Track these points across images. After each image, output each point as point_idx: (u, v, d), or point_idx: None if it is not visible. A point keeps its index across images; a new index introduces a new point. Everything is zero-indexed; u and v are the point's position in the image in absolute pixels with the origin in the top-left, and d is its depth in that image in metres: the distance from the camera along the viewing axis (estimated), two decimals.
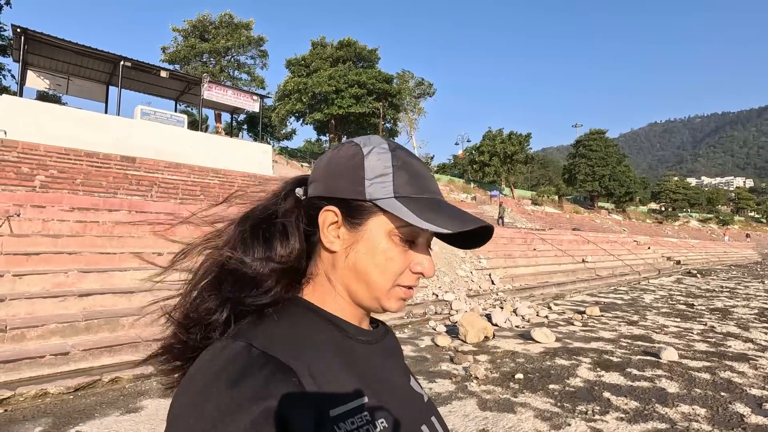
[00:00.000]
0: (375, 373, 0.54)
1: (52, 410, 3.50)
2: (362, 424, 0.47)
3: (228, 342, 0.47)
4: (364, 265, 0.52)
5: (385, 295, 0.54)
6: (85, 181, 11.21)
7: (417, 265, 0.54)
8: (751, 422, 3.60)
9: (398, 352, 0.65)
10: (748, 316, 8.84)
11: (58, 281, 5.14)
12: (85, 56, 16.44)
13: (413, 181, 0.53)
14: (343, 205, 0.53)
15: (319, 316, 0.53)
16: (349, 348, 0.53)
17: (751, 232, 63.58)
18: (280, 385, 0.43)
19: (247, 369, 0.43)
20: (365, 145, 0.54)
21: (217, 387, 0.42)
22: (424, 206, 0.51)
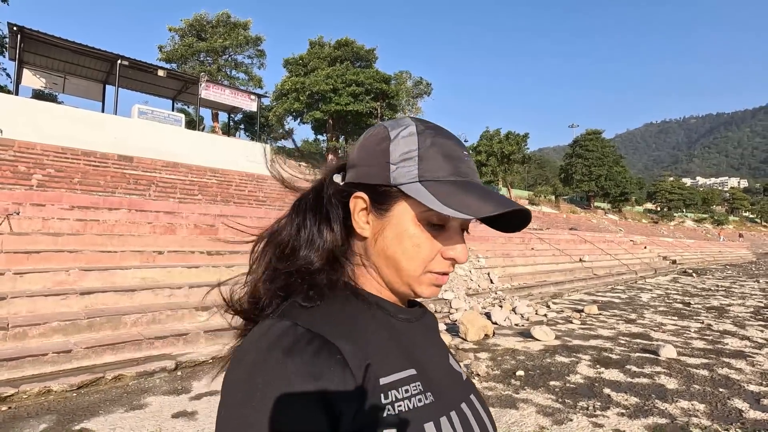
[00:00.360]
0: (417, 350, 0.55)
1: (56, 408, 3.50)
2: (416, 392, 0.49)
3: (275, 321, 0.49)
4: (392, 252, 0.53)
5: (416, 281, 0.54)
6: (83, 180, 11.17)
7: (449, 251, 0.53)
8: (749, 417, 3.65)
9: (437, 331, 0.66)
10: (744, 314, 8.93)
11: (59, 279, 5.13)
12: (82, 55, 16.37)
13: (441, 163, 0.51)
14: (370, 191, 0.53)
15: (359, 297, 0.54)
16: (391, 326, 0.54)
17: (745, 231, 64.05)
18: (325, 361, 0.45)
19: (294, 346, 0.45)
20: (393, 128, 0.54)
21: (267, 363, 0.44)
22: (451, 190, 0.50)
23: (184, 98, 22.10)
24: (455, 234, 0.54)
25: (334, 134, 33.50)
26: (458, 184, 0.51)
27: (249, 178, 16.69)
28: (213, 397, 3.81)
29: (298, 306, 0.51)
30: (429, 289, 0.55)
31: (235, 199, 14.04)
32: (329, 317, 0.50)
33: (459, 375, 0.61)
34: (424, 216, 0.52)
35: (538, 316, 8.03)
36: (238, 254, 7.19)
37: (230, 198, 13.99)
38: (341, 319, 0.50)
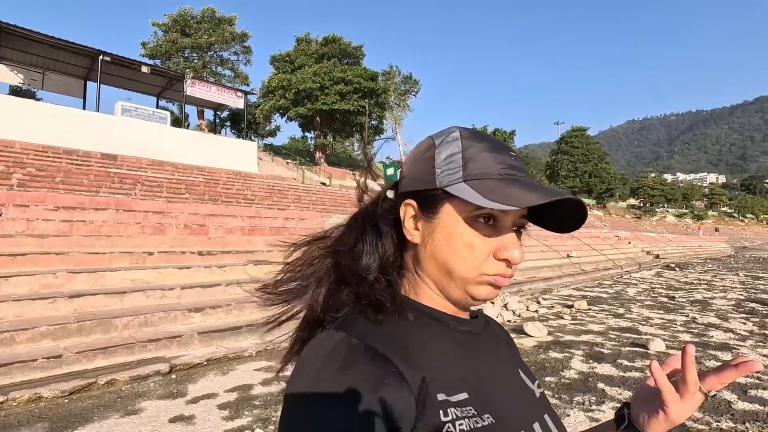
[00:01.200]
0: (480, 365, 0.53)
1: (48, 415, 3.42)
2: (469, 415, 0.47)
3: (331, 332, 0.49)
4: (443, 254, 0.52)
5: (471, 284, 0.52)
6: (65, 179, 10.89)
7: (502, 251, 0.51)
8: (738, 408, 3.76)
9: (505, 343, 0.63)
10: (726, 307, 9.18)
11: (47, 282, 5.00)
12: (61, 50, 15.93)
13: (486, 162, 0.51)
14: (418, 197, 0.54)
15: (415, 309, 0.53)
16: (450, 339, 0.53)
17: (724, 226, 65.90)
18: (382, 373, 0.44)
19: (349, 357, 0.45)
20: (439, 136, 0.55)
21: (324, 375, 0.45)
22: (495, 185, 0.49)
23: (168, 95, 21.69)
24: (508, 234, 0.52)
25: (322, 131, 33.31)
26: (504, 179, 0.50)
27: (236, 176, 16.49)
28: (210, 400, 3.76)
29: (354, 318, 0.52)
30: (486, 290, 0.52)
31: (223, 198, 13.86)
32: (383, 331, 0.49)
33: (531, 393, 0.57)
34: (472, 215, 0.51)
35: (530, 312, 8.13)
36: (230, 254, 7.11)
37: (218, 197, 13.80)
38: (395, 334, 0.49)
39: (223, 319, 5.50)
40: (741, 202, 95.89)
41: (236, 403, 3.72)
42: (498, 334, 0.62)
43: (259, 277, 0.65)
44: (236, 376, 4.36)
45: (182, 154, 16.31)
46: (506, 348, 0.62)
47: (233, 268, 6.69)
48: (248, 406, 3.65)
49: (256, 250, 7.59)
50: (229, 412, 3.54)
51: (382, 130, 36.05)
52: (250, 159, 19.26)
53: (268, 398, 3.82)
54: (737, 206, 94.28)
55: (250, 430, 3.23)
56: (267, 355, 5.04)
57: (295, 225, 9.71)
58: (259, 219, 9.08)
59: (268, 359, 4.89)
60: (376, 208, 0.58)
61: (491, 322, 0.64)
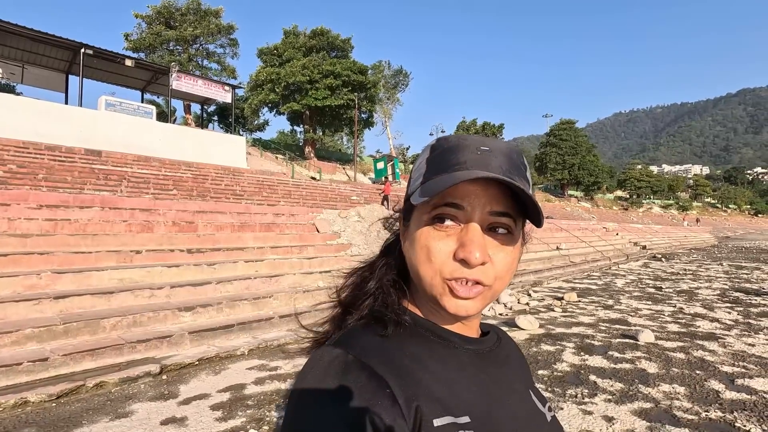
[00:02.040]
0: (486, 387, 0.51)
1: (35, 419, 3.34)
2: None
3: (328, 349, 0.49)
4: (410, 261, 0.52)
5: (437, 291, 0.48)
6: (48, 176, 10.64)
7: (459, 251, 0.46)
8: (726, 397, 3.83)
9: (517, 362, 0.60)
10: (711, 297, 9.37)
11: (30, 283, 4.87)
12: (42, 43, 15.49)
13: (442, 162, 0.49)
14: (402, 212, 0.56)
15: (419, 326, 0.52)
16: (453, 358, 0.51)
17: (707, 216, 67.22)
18: (375, 392, 0.44)
19: (343, 374, 0.45)
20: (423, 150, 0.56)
21: (318, 392, 0.44)
22: (440, 179, 0.47)
23: (153, 89, 21.28)
24: (469, 233, 0.47)
25: (311, 126, 33.04)
26: (452, 171, 0.48)
27: (225, 171, 16.29)
28: (203, 401, 3.72)
29: (353, 333, 0.51)
30: (452, 303, 0.47)
31: (211, 194, 13.69)
32: (381, 349, 0.48)
33: (542, 416, 0.55)
34: (429, 217, 0.49)
35: (521, 304, 8.20)
36: (220, 251, 7.02)
37: (206, 193, 13.63)
38: (393, 352, 0.48)
39: (214, 318, 5.44)
40: (724, 193, 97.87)
41: (229, 403, 3.67)
42: (509, 354, 0.59)
43: None
44: (228, 376, 4.31)
45: (169, 149, 16.04)
46: (517, 368, 0.59)
47: (223, 265, 6.60)
48: (241, 406, 3.61)
49: (246, 247, 7.50)
50: (222, 412, 3.49)
51: (371, 125, 35.88)
52: (239, 154, 19.03)
53: (262, 398, 3.79)
54: (720, 197, 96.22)
55: (243, 430, 3.20)
56: (260, 353, 4.99)
57: (285, 221, 9.62)
58: (249, 215, 8.97)
59: (261, 358, 4.85)
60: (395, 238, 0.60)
61: (504, 339, 0.61)
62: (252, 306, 5.83)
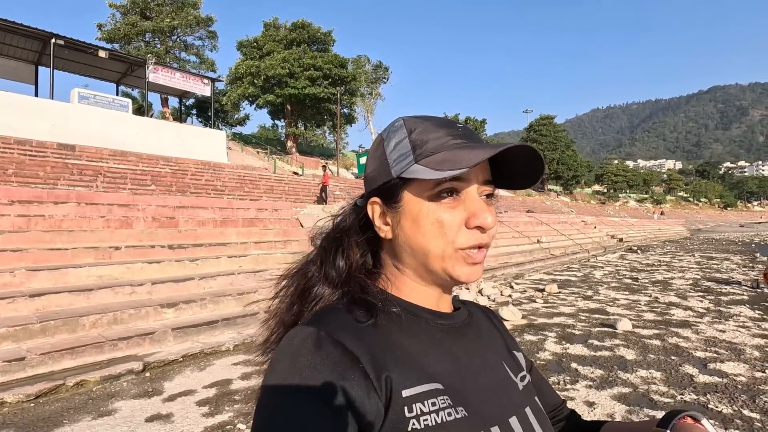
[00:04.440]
0: (457, 359, 0.52)
1: (13, 420, 3.24)
2: (444, 406, 0.46)
3: (299, 329, 0.49)
4: (413, 238, 0.52)
5: (449, 262, 0.51)
6: (19, 171, 10.25)
7: (472, 219, 0.50)
8: (699, 381, 4.01)
9: (490, 333, 0.62)
10: (684, 286, 9.73)
11: (4, 281, 4.70)
12: (8, 32, 14.83)
13: (432, 139, 0.52)
14: (381, 193, 0.54)
15: (391, 305, 0.52)
16: (423, 333, 0.52)
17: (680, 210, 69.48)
18: (347, 367, 0.45)
19: (317, 350, 0.46)
20: (385, 130, 0.57)
21: (292, 370, 0.45)
22: (445, 155, 0.50)
23: (129, 82, 20.65)
24: (474, 201, 0.51)
25: (292, 119, 32.67)
26: (453, 148, 0.51)
27: (205, 166, 15.98)
28: (188, 397, 3.67)
29: (326, 312, 0.52)
30: (465, 270, 0.51)
31: (191, 189, 13.42)
32: (353, 326, 0.49)
33: (513, 385, 0.57)
34: (434, 192, 0.51)
35: (504, 297, 8.34)
36: (202, 247, 6.90)
37: (186, 188, 13.35)
38: (365, 329, 0.49)
39: (198, 314, 5.35)
40: (696, 187, 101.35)
41: (215, 398, 3.64)
42: (481, 326, 0.61)
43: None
44: (214, 372, 4.27)
45: (146, 143, 15.63)
46: (489, 340, 0.60)
47: (206, 261, 6.50)
48: (228, 401, 3.58)
49: (229, 243, 7.40)
50: (208, 408, 3.46)
51: (354, 119, 35.72)
52: (219, 148, 18.69)
53: (249, 392, 3.76)
54: (692, 191, 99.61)
55: (231, 425, 3.18)
56: (245, 348, 4.95)
57: (269, 216, 9.52)
58: (231, 210, 8.84)
59: (246, 353, 4.81)
60: (343, 222, 0.59)
61: (476, 312, 0.63)
62: (236, 301, 5.76)
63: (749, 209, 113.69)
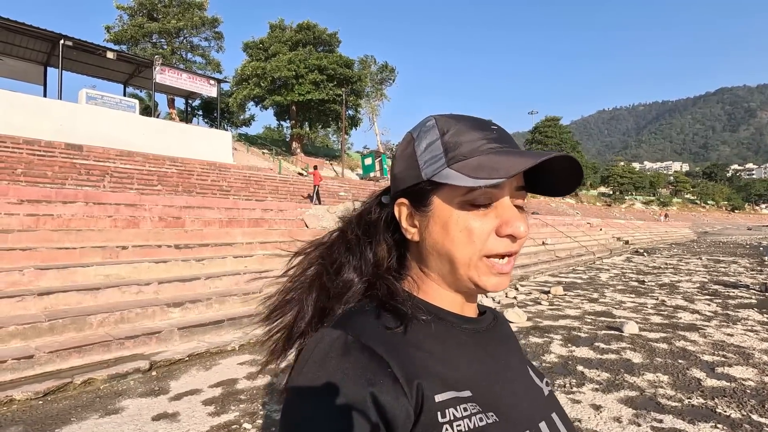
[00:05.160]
0: (485, 363, 0.52)
1: (22, 417, 3.27)
2: (475, 412, 0.46)
3: (328, 331, 0.49)
4: (441, 245, 0.51)
5: (475, 271, 0.50)
6: (27, 171, 10.37)
7: (504, 227, 0.49)
8: (707, 385, 3.97)
9: (513, 340, 0.62)
10: (692, 289, 9.65)
11: (13, 280, 4.75)
12: (18, 33, 15.01)
13: (466, 142, 0.50)
14: (409, 194, 0.53)
15: (417, 308, 0.52)
16: (453, 338, 0.52)
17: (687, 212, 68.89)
18: (377, 371, 0.44)
19: (344, 355, 0.45)
20: (415, 129, 0.55)
21: (320, 374, 0.45)
22: (480, 161, 0.48)
23: (136, 83, 20.82)
24: (508, 209, 0.50)
25: (298, 120, 32.76)
26: (488, 153, 0.49)
27: (211, 167, 16.07)
28: (194, 396, 3.69)
29: (352, 315, 0.51)
30: (491, 279, 0.50)
31: (197, 189, 13.50)
32: (381, 330, 0.49)
33: (539, 390, 0.57)
34: (465, 199, 0.49)
35: (509, 298, 8.31)
36: (208, 247, 6.94)
37: (192, 188, 13.43)
38: (393, 333, 0.49)
39: (204, 314, 5.38)
40: (703, 190, 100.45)
41: (221, 398, 3.65)
42: (506, 332, 0.62)
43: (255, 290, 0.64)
44: (220, 371, 4.29)
45: (153, 144, 15.74)
46: (514, 346, 0.61)
47: (212, 261, 6.53)
48: (234, 401, 3.59)
49: (235, 243, 7.43)
50: (214, 407, 3.47)
51: (358, 120, 35.75)
52: (225, 149, 18.79)
53: (254, 392, 3.78)
54: (699, 193, 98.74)
55: (237, 424, 3.19)
56: (250, 348, 4.97)
57: (274, 216, 9.55)
58: (237, 210, 8.88)
59: (252, 353, 4.82)
60: (369, 215, 0.59)
61: (500, 318, 0.63)
62: (242, 301, 5.78)
63: (757, 212, 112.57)
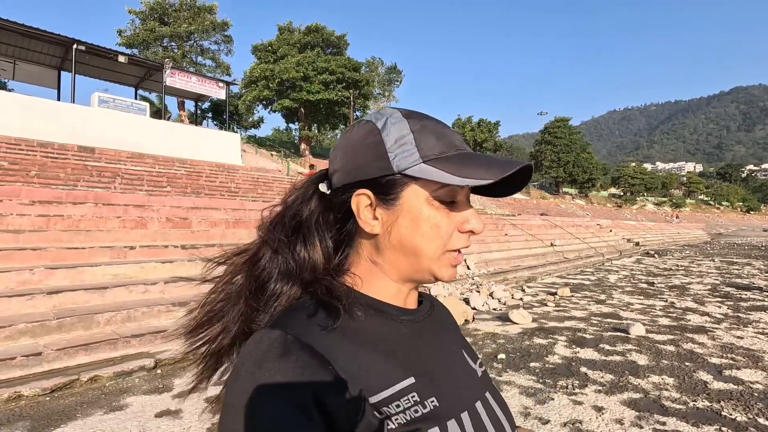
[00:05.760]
0: (423, 352, 0.53)
1: (29, 413, 3.34)
2: (409, 405, 0.47)
3: (265, 331, 0.48)
4: (410, 239, 0.51)
5: (437, 264, 0.52)
6: (41, 173, 10.56)
7: (465, 224, 0.53)
8: (714, 388, 3.90)
9: (450, 325, 0.64)
10: (702, 291, 9.49)
11: (23, 279, 4.85)
12: (33, 38, 15.33)
13: (437, 141, 0.51)
14: (373, 186, 0.51)
15: (358, 302, 0.52)
16: (391, 330, 0.52)
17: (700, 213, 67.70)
18: (317, 370, 0.44)
19: (285, 355, 0.45)
20: (378, 119, 0.53)
21: (259, 375, 0.44)
22: (456, 163, 0.50)
23: (147, 86, 21.13)
24: (466, 206, 0.54)
25: (306, 123, 32.95)
26: (458, 156, 0.51)
27: (219, 168, 16.23)
28: (198, 394, 3.72)
29: (290, 314, 0.50)
30: (449, 271, 0.53)
31: (206, 191, 13.64)
32: (320, 328, 0.48)
33: (474, 372, 0.59)
34: (436, 195, 0.51)
35: (515, 300, 8.26)
36: (215, 247, 7.01)
37: (201, 189, 13.57)
38: (331, 330, 0.48)
39: None
40: (717, 190, 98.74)
41: None
42: (442, 318, 0.63)
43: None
44: (225, 370, 4.33)
45: (163, 146, 15.96)
46: (450, 330, 0.62)
47: None
48: None
49: (241, 243, 7.49)
50: (218, 404, 3.51)
51: None
52: (234, 151, 18.96)
53: None
54: (713, 194, 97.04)
55: None
56: None
57: None
58: (243, 211, 8.96)
59: None
60: (299, 210, 0.55)
61: (436, 305, 0.64)
62: None
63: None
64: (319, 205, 0.55)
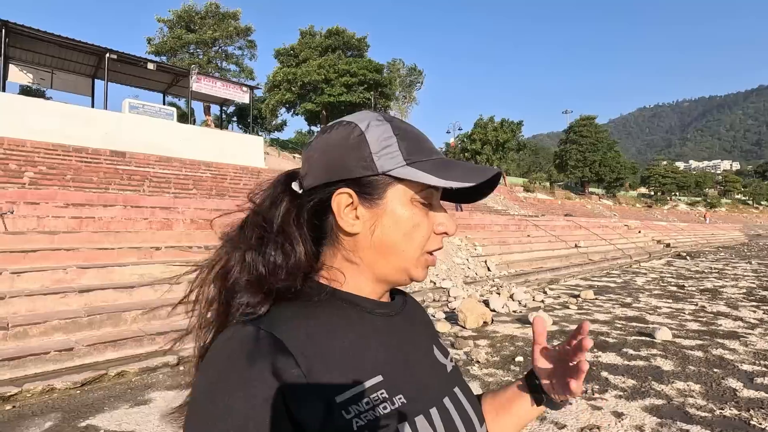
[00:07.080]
0: (393, 348, 0.54)
1: (61, 405, 3.52)
2: (377, 402, 0.47)
3: (238, 326, 0.48)
4: (392, 239, 0.52)
5: (414, 264, 0.54)
6: (76, 176, 11.07)
7: (439, 226, 0.55)
8: (743, 396, 3.74)
9: (422, 319, 0.65)
10: (737, 295, 9.07)
11: (58, 278, 5.12)
12: (69, 49, 16.09)
13: (418, 145, 0.53)
14: (354, 185, 0.51)
15: (333, 298, 0.52)
16: (365, 324, 0.53)
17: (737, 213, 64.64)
18: (286, 368, 0.44)
19: (255, 351, 0.45)
20: (360, 121, 0.53)
21: (228, 370, 0.44)
22: (437, 166, 0.52)
23: (174, 91, 21.81)
24: (440, 209, 0.57)
25: None
26: (438, 161, 0.54)
27: (243, 171, 16.60)
28: None
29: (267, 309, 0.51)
30: (424, 271, 0.56)
31: (230, 193, 13.98)
32: (293, 322, 0.48)
33: (443, 367, 0.60)
34: (417, 197, 0.53)
35: (536, 302, 8.12)
36: None
37: (225, 192, 13.92)
38: (306, 326, 0.49)
39: None
40: (756, 189, 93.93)
41: None
42: (414, 314, 0.63)
43: None
44: None
45: (189, 149, 16.45)
46: (421, 326, 0.63)
47: None
48: None
49: None
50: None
51: None
52: (257, 154, 19.35)
53: None
54: (752, 193, 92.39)
55: None
56: None
57: None
58: None
59: None
60: (269, 212, 0.54)
61: (409, 300, 0.65)
62: None
63: None
64: (292, 205, 0.54)
